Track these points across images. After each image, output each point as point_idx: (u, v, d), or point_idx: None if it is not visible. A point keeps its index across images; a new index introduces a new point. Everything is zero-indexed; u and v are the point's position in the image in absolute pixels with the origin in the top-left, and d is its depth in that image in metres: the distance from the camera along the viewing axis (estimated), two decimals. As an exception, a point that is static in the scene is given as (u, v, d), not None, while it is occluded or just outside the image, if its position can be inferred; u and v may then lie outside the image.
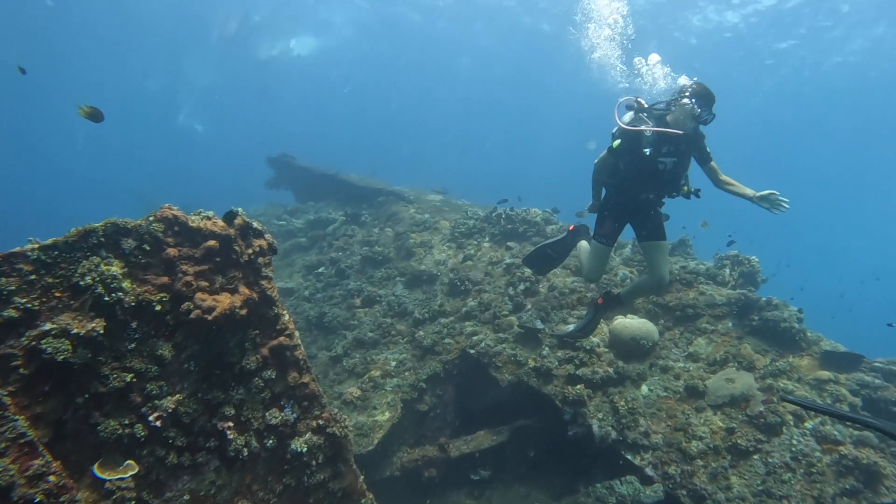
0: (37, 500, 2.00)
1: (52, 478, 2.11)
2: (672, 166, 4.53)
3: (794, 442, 5.06)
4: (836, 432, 5.07)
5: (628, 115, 4.60)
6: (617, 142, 4.52)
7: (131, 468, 2.70)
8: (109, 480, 2.60)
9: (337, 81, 35.02)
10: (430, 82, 36.54)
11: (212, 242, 2.95)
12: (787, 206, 4.33)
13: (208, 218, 3.02)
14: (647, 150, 4.44)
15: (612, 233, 4.85)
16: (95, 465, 2.62)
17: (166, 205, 2.98)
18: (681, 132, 4.37)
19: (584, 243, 5.61)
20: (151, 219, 2.92)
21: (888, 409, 5.24)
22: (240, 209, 3.09)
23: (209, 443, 3.01)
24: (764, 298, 6.33)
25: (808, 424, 5.18)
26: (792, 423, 5.20)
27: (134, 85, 38.74)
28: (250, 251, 3.08)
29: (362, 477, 3.90)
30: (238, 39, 27.19)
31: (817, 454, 4.97)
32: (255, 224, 3.13)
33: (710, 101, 4.32)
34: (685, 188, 4.61)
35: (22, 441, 2.07)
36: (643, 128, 4.38)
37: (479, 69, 31.32)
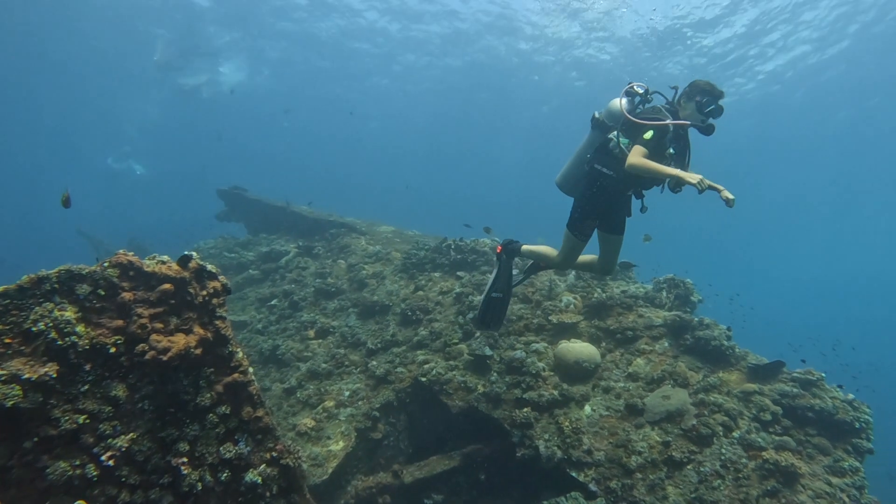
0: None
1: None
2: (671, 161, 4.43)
3: (724, 451, 5.45)
4: (759, 440, 5.50)
5: (626, 101, 4.50)
6: (650, 133, 4.27)
7: (83, 508, 2.77)
8: (60, 522, 2.66)
9: (277, 112, 35.14)
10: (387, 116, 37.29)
11: (166, 286, 3.09)
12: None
13: (163, 262, 3.16)
14: (672, 150, 4.37)
15: (592, 228, 4.79)
16: (45, 507, 2.68)
17: (121, 251, 3.10)
18: (690, 123, 4.34)
19: (531, 248, 5.40)
20: (106, 264, 3.04)
21: (804, 415, 5.73)
22: (194, 253, 3.24)
23: (163, 479, 3.08)
24: (696, 319, 6.80)
25: (736, 434, 5.60)
26: (721, 433, 5.60)
27: (72, 120, 37.80)
28: (205, 293, 3.23)
29: (316, 507, 4.02)
30: (175, 67, 27.03)
31: (744, 461, 5.37)
32: (209, 267, 3.29)
33: (715, 94, 4.34)
34: (672, 181, 4.31)
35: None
36: (669, 122, 4.27)
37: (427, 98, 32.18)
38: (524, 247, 5.49)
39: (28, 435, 2.64)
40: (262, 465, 3.64)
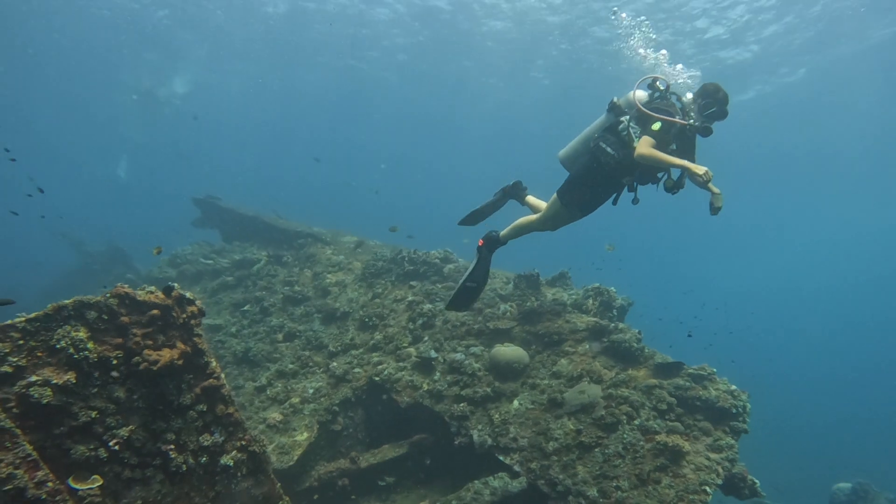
0: (42, 497, 2.99)
1: (50, 483, 3.10)
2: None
3: (625, 436, 6.51)
4: (655, 426, 6.59)
5: (643, 94, 4.70)
6: (658, 124, 4.49)
7: (97, 481, 3.66)
8: (81, 490, 3.57)
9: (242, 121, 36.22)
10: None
11: (155, 311, 3.99)
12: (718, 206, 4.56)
13: (151, 292, 4.07)
14: (674, 146, 4.60)
15: (580, 201, 5.01)
16: (70, 479, 3.58)
17: (119, 284, 4.00)
18: (689, 123, 4.55)
19: (511, 227, 5.54)
20: (108, 295, 3.93)
21: (693, 404, 6.84)
22: (176, 284, 4.16)
23: (155, 461, 4.00)
24: (612, 324, 7.89)
25: (637, 421, 6.67)
26: (625, 421, 6.67)
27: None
28: (184, 315, 4.14)
29: (279, 485, 4.96)
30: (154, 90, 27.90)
31: (641, 443, 6.43)
32: (187, 294, 4.20)
33: (719, 99, 4.53)
34: (670, 181, 4.65)
35: (29, 459, 3.06)
36: (676, 120, 4.50)
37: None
38: (502, 233, 5.64)
39: (56, 425, 3.54)
40: (234, 451, 4.57)
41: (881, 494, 12.27)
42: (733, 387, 7.04)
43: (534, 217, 5.40)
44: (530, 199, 5.85)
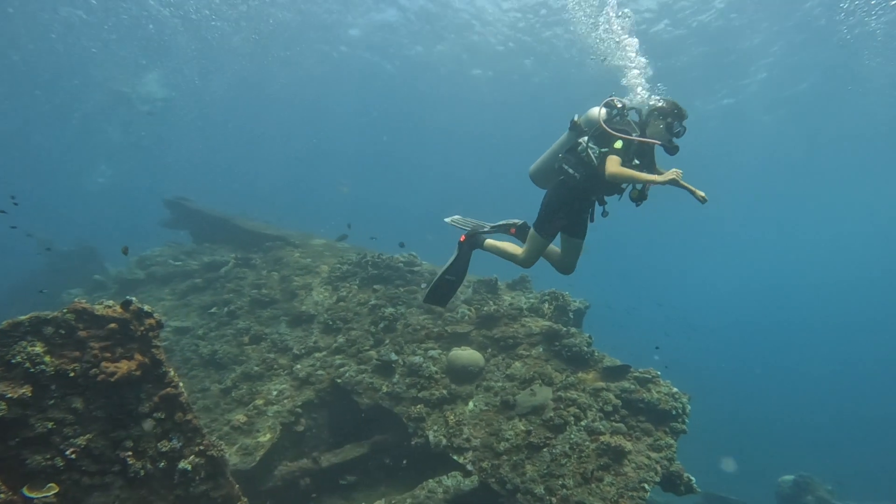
0: (-4, 508, 3.21)
1: (1, 494, 3.32)
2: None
3: (572, 436, 6.88)
4: (601, 427, 6.97)
5: (604, 112, 4.78)
6: (620, 143, 4.59)
7: (53, 489, 3.86)
8: (36, 498, 3.78)
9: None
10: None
11: (112, 325, 4.20)
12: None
13: (109, 306, 4.27)
14: (637, 161, 4.73)
15: (557, 228, 5.05)
16: (25, 487, 3.78)
17: (77, 299, 4.20)
18: (658, 142, 4.67)
19: (496, 243, 5.56)
20: (66, 310, 4.13)
21: (637, 406, 7.24)
22: (134, 298, 4.36)
23: (114, 468, 4.21)
24: (564, 328, 8.25)
25: (584, 423, 7.05)
26: (573, 422, 7.04)
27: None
28: (143, 328, 4.35)
29: (238, 486, 5.20)
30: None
31: (587, 443, 6.81)
32: (145, 308, 4.41)
33: (682, 117, 4.66)
34: (635, 192, 4.69)
35: (-16, 472, 3.27)
36: (636, 138, 4.62)
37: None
38: (488, 241, 5.61)
39: (12, 436, 3.74)
40: (192, 456, 4.79)
41: (822, 486, 13.00)
42: (675, 389, 7.45)
43: (520, 251, 5.39)
44: (489, 242, 5.77)
